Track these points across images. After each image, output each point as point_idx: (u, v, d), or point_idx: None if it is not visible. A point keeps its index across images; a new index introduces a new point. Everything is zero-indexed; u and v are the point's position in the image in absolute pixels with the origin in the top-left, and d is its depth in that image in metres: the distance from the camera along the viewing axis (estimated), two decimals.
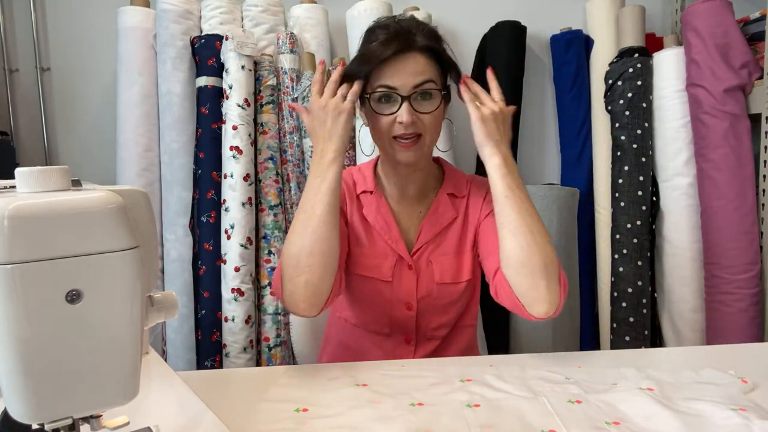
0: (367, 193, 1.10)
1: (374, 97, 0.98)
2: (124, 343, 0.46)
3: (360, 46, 1.02)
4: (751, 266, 1.59)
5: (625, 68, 1.75)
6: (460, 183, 1.12)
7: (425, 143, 1.00)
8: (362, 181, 1.11)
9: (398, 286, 1.05)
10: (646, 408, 0.73)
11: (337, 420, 0.72)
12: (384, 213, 1.08)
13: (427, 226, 1.07)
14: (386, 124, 0.98)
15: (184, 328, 1.63)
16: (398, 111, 0.96)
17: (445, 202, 1.09)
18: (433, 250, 1.07)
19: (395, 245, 1.06)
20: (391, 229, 1.07)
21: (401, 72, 0.96)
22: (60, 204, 0.42)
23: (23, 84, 1.88)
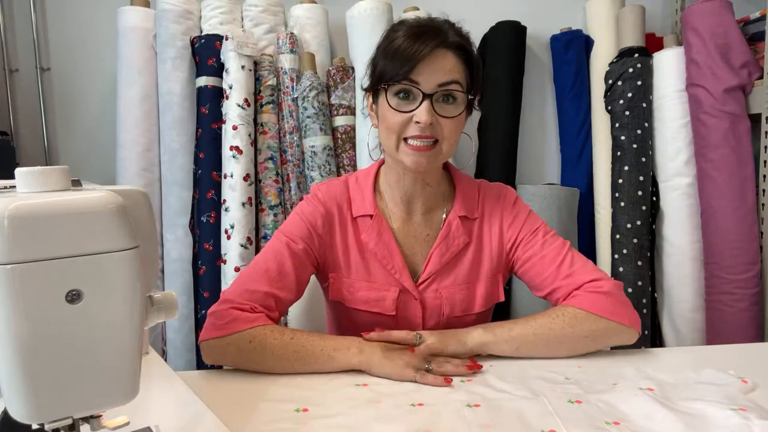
0: (367, 217, 0.98)
1: (392, 91, 0.89)
2: (124, 343, 0.46)
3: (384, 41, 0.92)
4: (751, 266, 1.59)
5: (625, 68, 1.75)
6: (472, 201, 1.02)
7: (441, 151, 0.91)
8: (360, 203, 0.99)
9: (403, 319, 0.98)
10: (646, 408, 0.73)
11: (337, 420, 0.72)
12: (386, 240, 0.98)
13: (437, 255, 0.98)
14: (400, 122, 0.88)
15: (184, 328, 1.63)
16: (417, 109, 0.87)
17: (457, 226, 0.99)
18: (443, 281, 0.98)
19: (399, 276, 0.97)
20: (394, 258, 0.97)
21: (427, 67, 0.87)
22: (60, 204, 0.42)
23: (23, 84, 1.88)
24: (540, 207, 1.78)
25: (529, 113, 1.98)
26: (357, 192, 1.01)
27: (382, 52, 0.91)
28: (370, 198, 0.99)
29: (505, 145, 1.86)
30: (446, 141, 0.90)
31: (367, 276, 0.98)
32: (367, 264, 0.98)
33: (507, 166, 1.86)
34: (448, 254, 0.98)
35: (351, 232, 0.99)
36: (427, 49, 0.86)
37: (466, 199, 1.02)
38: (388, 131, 0.90)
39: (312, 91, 1.69)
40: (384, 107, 0.90)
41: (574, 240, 1.86)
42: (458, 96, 0.89)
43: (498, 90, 1.84)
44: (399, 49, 0.88)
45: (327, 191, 1.00)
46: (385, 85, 0.89)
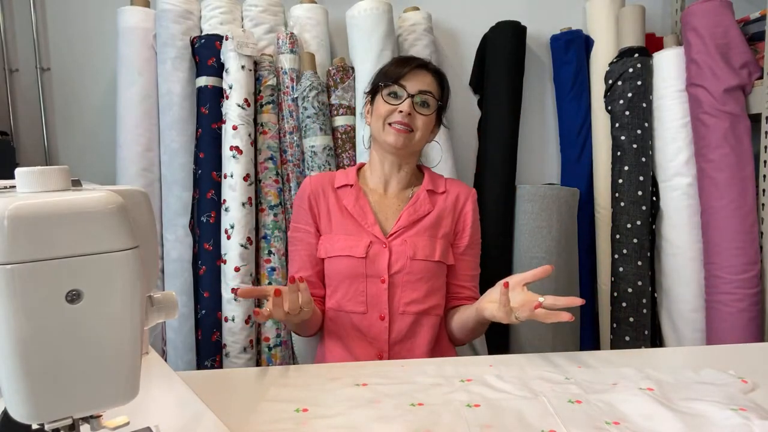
0: (347, 186, 1.27)
1: (386, 90, 1.22)
2: (124, 343, 0.47)
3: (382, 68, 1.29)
4: (751, 266, 1.59)
5: (625, 68, 1.75)
6: (438, 182, 1.31)
7: (414, 137, 1.22)
8: (344, 178, 1.29)
9: (371, 262, 1.20)
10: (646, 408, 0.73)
11: (337, 420, 0.72)
12: (362, 203, 1.25)
13: (406, 214, 1.24)
14: (388, 110, 1.21)
15: (184, 328, 1.63)
16: (402, 104, 1.20)
17: (424, 197, 1.27)
18: (409, 233, 1.23)
19: (370, 229, 1.22)
20: (368, 216, 1.24)
21: (412, 78, 1.21)
22: (60, 204, 0.42)
23: (23, 84, 1.88)
24: (540, 207, 1.78)
25: (529, 113, 1.98)
26: (342, 173, 1.31)
27: (379, 71, 1.28)
28: (352, 173, 1.30)
29: (505, 145, 1.85)
30: (419, 131, 1.22)
31: (345, 230, 1.24)
32: (346, 221, 1.24)
33: (507, 166, 1.86)
34: (415, 215, 1.24)
35: (333, 200, 1.27)
36: (410, 67, 1.22)
37: (433, 179, 1.31)
38: (378, 117, 1.22)
39: (312, 91, 1.68)
40: (379, 102, 1.23)
41: (574, 240, 1.86)
42: (431, 104, 1.23)
43: (498, 90, 1.84)
44: (393, 65, 1.26)
45: (316, 177, 1.31)
46: (382, 84, 1.23)
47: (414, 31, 1.81)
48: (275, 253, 1.65)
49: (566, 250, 1.81)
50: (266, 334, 1.64)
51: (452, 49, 1.98)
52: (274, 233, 1.66)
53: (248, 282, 1.61)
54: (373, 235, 1.21)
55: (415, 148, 1.25)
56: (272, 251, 1.65)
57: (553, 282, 1.76)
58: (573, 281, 1.85)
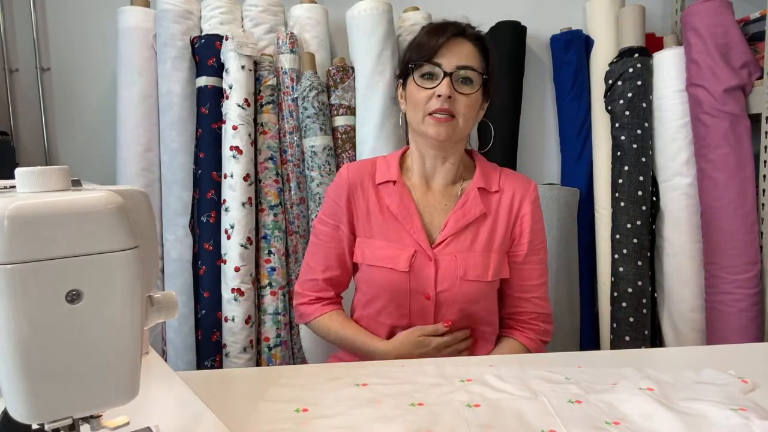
0: (390, 183, 1.11)
1: (418, 72, 1.05)
2: (124, 343, 0.46)
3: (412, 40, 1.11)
4: (751, 266, 1.59)
5: (625, 68, 1.75)
6: (492, 177, 1.13)
7: (458, 125, 1.04)
8: (386, 171, 1.12)
9: (415, 277, 1.06)
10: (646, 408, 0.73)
11: (337, 420, 0.72)
12: (406, 203, 1.09)
13: (453, 219, 1.07)
14: (425, 97, 1.04)
15: (184, 328, 1.63)
16: (438, 85, 1.02)
17: (475, 196, 1.09)
18: (459, 245, 1.07)
19: (416, 236, 1.06)
20: (414, 220, 1.07)
21: (448, 52, 1.04)
22: (60, 204, 0.42)
23: (23, 84, 1.88)
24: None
25: (529, 113, 1.98)
26: (383, 164, 1.14)
27: (409, 46, 1.10)
28: (395, 167, 1.12)
29: (505, 145, 1.85)
30: (462, 116, 1.04)
31: (386, 236, 1.09)
32: (388, 225, 1.09)
33: (507, 166, 1.85)
34: (464, 220, 1.07)
35: (373, 198, 1.11)
36: (445, 38, 1.04)
37: (485, 173, 1.13)
38: (415, 107, 1.05)
39: (312, 91, 1.69)
40: (411, 87, 1.06)
41: (574, 240, 1.86)
42: (474, 78, 1.05)
43: (498, 90, 1.84)
44: (424, 38, 1.07)
45: (354, 166, 1.14)
46: (412, 66, 1.06)
47: (414, 31, 1.81)
48: (275, 253, 1.65)
49: (566, 250, 1.81)
50: (266, 334, 1.64)
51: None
52: (274, 233, 1.66)
53: (248, 282, 1.61)
54: (418, 243, 1.06)
55: (460, 135, 1.08)
56: (272, 251, 1.65)
57: (554, 282, 1.76)
58: (573, 281, 1.85)
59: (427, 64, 1.04)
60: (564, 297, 1.79)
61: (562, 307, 1.79)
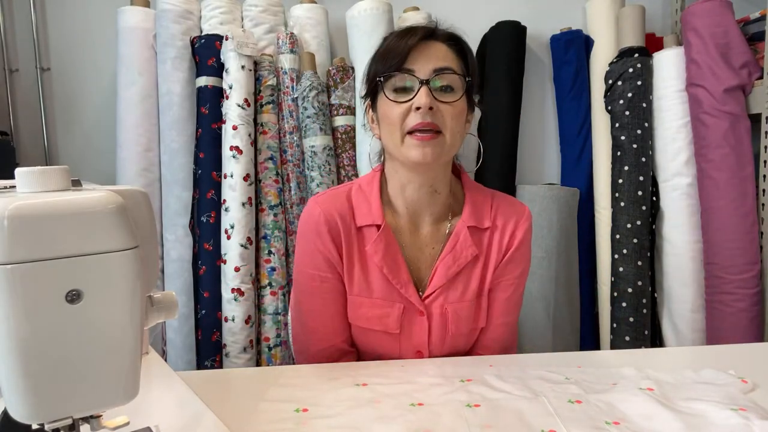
0: (373, 227, 0.93)
1: (389, 85, 0.88)
2: (124, 343, 0.46)
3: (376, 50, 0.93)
4: (751, 266, 1.59)
5: (625, 68, 1.75)
6: (483, 211, 0.97)
7: (445, 141, 0.87)
8: (366, 212, 0.94)
9: (408, 336, 0.95)
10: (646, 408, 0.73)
11: (337, 420, 0.72)
12: (393, 253, 0.93)
13: (443, 267, 0.93)
14: (401, 114, 0.86)
15: (184, 328, 1.63)
16: (415, 96, 0.85)
17: (465, 238, 0.94)
18: (449, 296, 0.94)
19: (404, 291, 0.93)
20: (401, 272, 0.93)
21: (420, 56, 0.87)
22: (60, 204, 0.42)
23: (23, 84, 1.88)
24: (540, 207, 1.78)
25: (529, 113, 1.98)
26: (361, 200, 0.95)
27: (373, 58, 0.93)
28: (377, 206, 0.94)
29: (505, 145, 1.85)
30: (449, 130, 0.87)
31: (369, 292, 0.94)
32: (369, 278, 0.93)
33: (507, 166, 1.86)
34: (455, 267, 0.94)
35: (355, 244, 0.93)
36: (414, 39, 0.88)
37: (476, 207, 0.96)
38: (391, 127, 0.88)
39: (312, 91, 1.68)
40: (383, 104, 0.89)
41: (574, 240, 1.86)
42: (455, 84, 0.88)
43: (498, 90, 1.84)
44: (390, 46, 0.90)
45: (325, 205, 0.94)
46: (380, 79, 0.88)
47: None
48: (275, 253, 1.65)
49: (566, 250, 1.81)
50: (266, 334, 1.64)
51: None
52: (274, 233, 1.66)
53: (248, 282, 1.61)
54: (407, 299, 0.93)
55: (449, 155, 0.91)
56: (272, 251, 1.65)
57: (554, 282, 1.76)
58: (573, 281, 1.85)
59: (398, 74, 0.87)
60: (564, 297, 1.79)
61: (562, 307, 1.79)
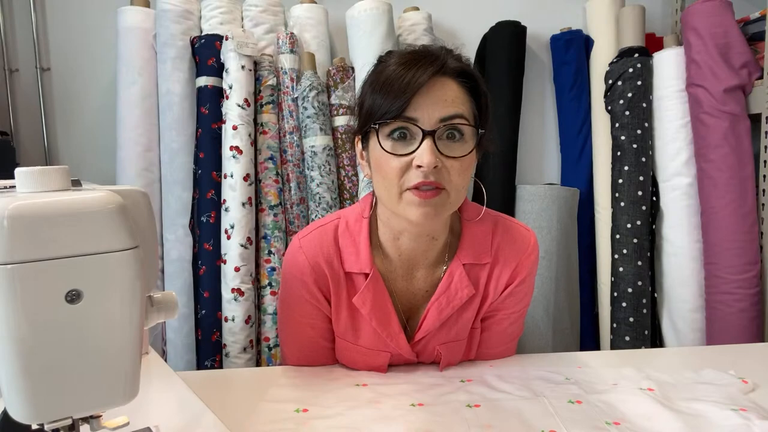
0: (361, 275, 0.86)
1: (384, 131, 0.75)
2: (124, 343, 0.46)
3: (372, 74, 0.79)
4: (751, 266, 1.59)
5: (625, 68, 1.75)
6: (483, 245, 0.87)
7: (448, 198, 0.77)
8: (355, 259, 0.85)
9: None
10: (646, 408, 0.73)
11: (337, 420, 0.72)
12: (382, 302, 0.85)
13: (435, 310, 0.86)
14: (398, 169, 0.74)
15: (184, 328, 1.63)
16: (417, 150, 0.73)
17: (461, 278, 0.85)
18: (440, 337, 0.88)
19: (394, 342, 0.87)
20: (391, 323, 0.86)
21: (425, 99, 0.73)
22: (60, 204, 0.42)
23: (23, 84, 1.88)
24: (540, 207, 1.78)
25: (529, 113, 1.98)
26: (349, 243, 0.86)
27: (370, 87, 0.78)
28: (365, 253, 0.85)
29: (505, 145, 1.85)
30: (454, 189, 0.76)
31: (355, 338, 0.88)
32: (357, 325, 0.88)
33: (507, 166, 1.86)
34: (448, 309, 0.86)
35: (344, 290, 0.87)
36: (424, 77, 0.72)
37: (475, 242, 0.87)
38: (386, 181, 0.76)
39: (312, 91, 1.68)
40: (377, 152, 0.76)
41: (574, 240, 1.86)
42: (465, 131, 0.77)
43: (498, 90, 1.84)
44: (390, 80, 0.74)
45: (311, 252, 0.86)
46: (376, 125, 0.75)
47: (414, 31, 1.81)
48: (275, 253, 1.64)
49: (566, 250, 1.81)
50: (266, 334, 1.64)
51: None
52: (274, 233, 1.66)
53: (248, 282, 1.61)
54: (396, 348, 0.88)
55: (452, 210, 0.82)
56: (272, 251, 1.65)
57: (554, 282, 1.76)
58: (573, 281, 1.85)
59: (397, 121, 0.73)
60: (564, 297, 1.79)
61: (562, 307, 1.79)
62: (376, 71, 0.79)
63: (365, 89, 0.79)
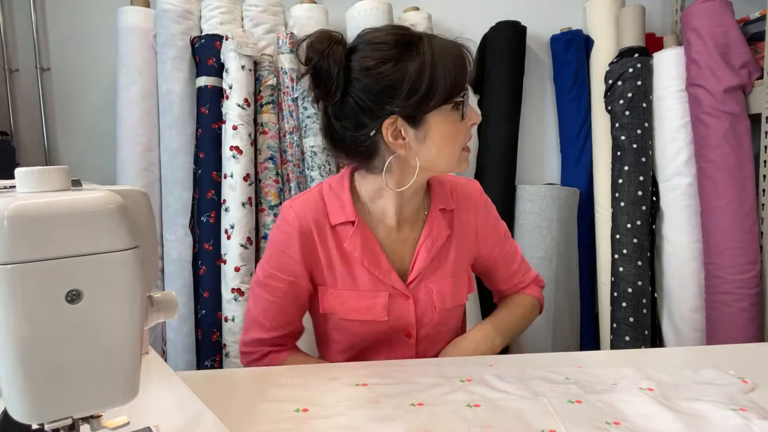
0: (348, 224, 0.96)
1: (450, 106, 0.87)
2: (124, 343, 0.46)
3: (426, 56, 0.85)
4: (751, 266, 1.59)
5: (625, 68, 1.75)
6: (446, 193, 1.04)
7: None
8: (339, 211, 0.96)
9: (395, 320, 0.98)
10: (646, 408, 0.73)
11: (337, 420, 0.72)
12: (371, 246, 0.96)
13: (423, 251, 0.98)
14: (464, 131, 0.90)
15: (184, 328, 1.63)
16: (471, 110, 0.90)
17: (439, 221, 1.00)
18: (431, 275, 1.00)
19: (388, 279, 0.96)
20: (381, 262, 0.96)
21: (466, 68, 0.88)
22: (60, 204, 0.42)
23: (23, 84, 1.88)
24: (540, 207, 1.78)
25: (529, 113, 1.98)
26: (333, 199, 0.97)
27: (433, 69, 0.84)
28: (349, 204, 0.96)
29: (505, 145, 1.86)
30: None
31: (353, 284, 0.97)
32: (353, 272, 0.97)
33: (507, 166, 1.86)
34: (434, 248, 0.99)
35: (332, 243, 0.96)
36: (468, 56, 0.88)
37: (441, 192, 1.03)
38: (454, 146, 0.90)
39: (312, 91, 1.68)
40: (447, 124, 0.88)
41: (574, 240, 1.86)
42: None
43: (498, 90, 1.84)
44: (457, 56, 0.86)
45: (301, 208, 0.96)
46: (449, 102, 0.86)
47: None
48: None
49: (566, 250, 1.81)
50: None
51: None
52: None
53: (248, 282, 1.61)
54: (392, 286, 0.97)
55: None
56: None
57: (554, 282, 1.76)
58: (573, 281, 1.85)
59: (463, 93, 0.88)
60: (564, 297, 1.79)
61: (562, 307, 1.79)
62: (432, 52, 0.85)
63: (424, 71, 0.84)
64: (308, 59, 0.89)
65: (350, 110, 0.89)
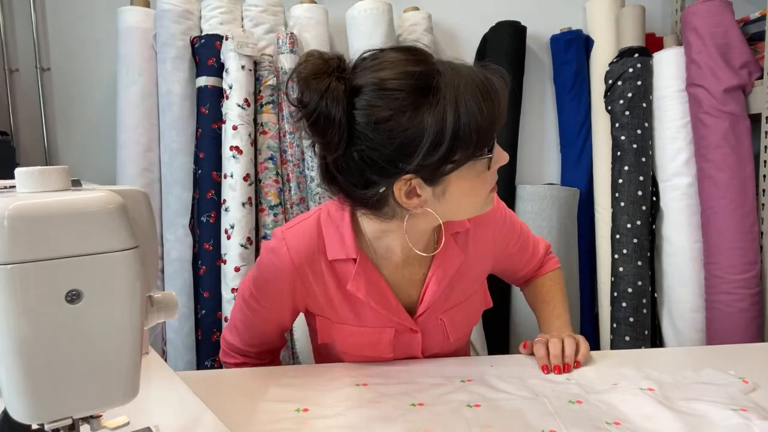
0: (349, 261, 0.86)
1: (482, 154, 0.75)
2: (124, 343, 0.46)
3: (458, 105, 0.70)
4: (751, 266, 1.59)
5: (625, 68, 1.75)
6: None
7: None
8: (338, 246, 0.86)
9: (401, 352, 0.93)
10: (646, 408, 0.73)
11: (337, 420, 0.72)
12: (375, 283, 0.87)
13: (433, 283, 0.90)
14: (490, 180, 0.80)
15: (184, 328, 1.63)
16: (497, 154, 0.78)
17: (452, 248, 0.91)
18: (440, 306, 0.93)
19: (395, 317, 0.90)
20: (389, 300, 0.89)
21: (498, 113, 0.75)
22: (60, 204, 0.42)
23: (23, 84, 1.88)
24: (540, 207, 1.78)
25: (529, 113, 1.98)
26: (332, 231, 0.87)
27: (457, 117, 0.70)
28: (350, 239, 0.86)
29: (505, 145, 1.84)
30: None
31: (357, 321, 0.90)
32: (356, 308, 0.89)
33: (507, 166, 1.83)
34: (446, 278, 0.91)
35: (331, 279, 0.88)
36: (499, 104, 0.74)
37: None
38: (479, 197, 0.80)
39: None
40: (471, 177, 0.76)
41: (574, 240, 1.86)
42: None
43: None
44: (483, 112, 0.71)
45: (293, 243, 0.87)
46: (485, 156, 0.75)
47: (414, 31, 1.81)
48: None
49: (566, 250, 1.81)
50: None
51: (452, 50, 1.98)
52: None
53: None
54: (398, 322, 0.90)
55: None
56: None
57: None
58: (573, 281, 1.85)
59: (489, 145, 0.76)
60: None
61: None
62: (444, 102, 0.71)
63: (446, 125, 0.70)
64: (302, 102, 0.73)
65: (355, 165, 0.74)
